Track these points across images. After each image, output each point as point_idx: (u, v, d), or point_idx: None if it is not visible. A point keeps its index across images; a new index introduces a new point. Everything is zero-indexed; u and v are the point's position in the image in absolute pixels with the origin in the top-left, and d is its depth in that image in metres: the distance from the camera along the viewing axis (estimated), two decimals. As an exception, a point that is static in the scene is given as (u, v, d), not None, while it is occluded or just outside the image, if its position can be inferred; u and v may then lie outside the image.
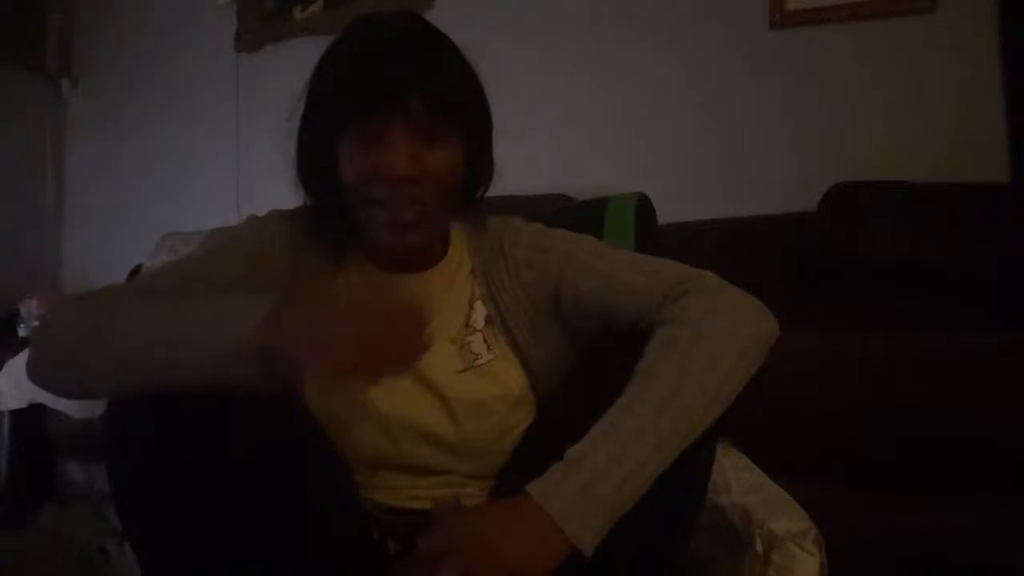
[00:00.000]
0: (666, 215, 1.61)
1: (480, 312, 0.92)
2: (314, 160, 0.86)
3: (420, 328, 0.70)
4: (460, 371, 0.88)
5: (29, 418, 2.17)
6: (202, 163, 3.12)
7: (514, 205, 1.00)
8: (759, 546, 0.96)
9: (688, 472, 0.75)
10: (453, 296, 0.92)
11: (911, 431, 1.15)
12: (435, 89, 0.79)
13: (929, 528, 1.15)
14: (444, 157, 0.81)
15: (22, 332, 2.39)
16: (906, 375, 1.18)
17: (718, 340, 0.76)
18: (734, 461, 1.09)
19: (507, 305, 0.91)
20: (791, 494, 1.03)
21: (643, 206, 1.47)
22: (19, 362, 2.16)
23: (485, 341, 0.90)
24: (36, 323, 2.38)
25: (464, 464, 0.88)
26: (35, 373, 0.78)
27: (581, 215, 1.56)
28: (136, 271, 2.88)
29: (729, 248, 1.91)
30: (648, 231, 1.46)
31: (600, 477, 0.68)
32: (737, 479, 1.03)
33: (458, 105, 0.82)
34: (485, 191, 0.94)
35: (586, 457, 0.69)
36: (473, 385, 0.87)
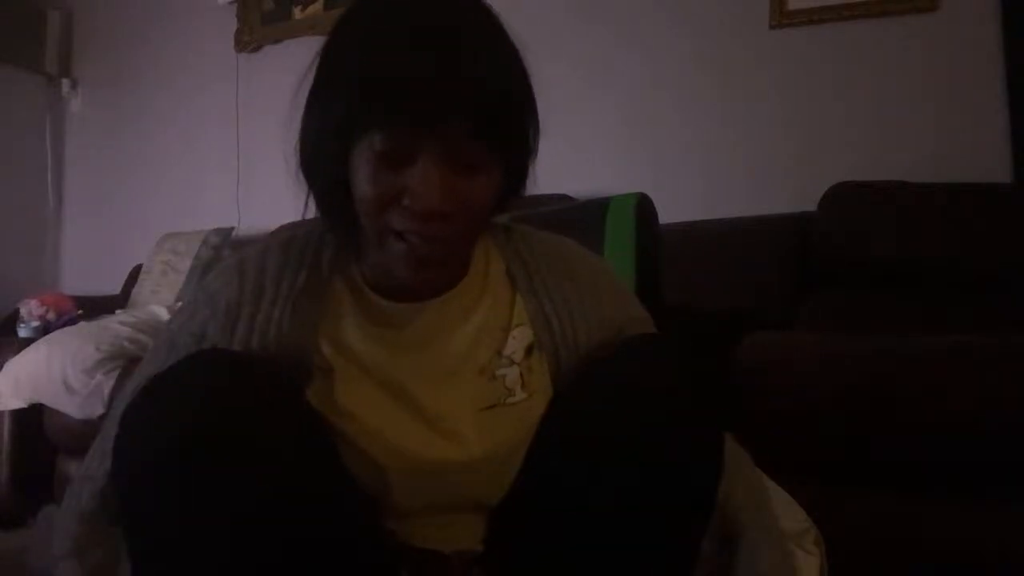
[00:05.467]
0: (666, 215, 1.61)
1: (521, 339, 0.78)
2: (320, 161, 0.72)
3: None
4: (486, 408, 0.75)
5: (29, 418, 2.17)
6: (202, 163, 3.12)
7: (514, 205, 1.00)
8: (759, 546, 0.95)
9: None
10: (480, 319, 0.78)
11: (911, 431, 1.14)
12: (485, 107, 0.65)
13: (929, 528, 1.15)
14: (483, 188, 0.68)
15: (22, 332, 2.39)
16: (906, 375, 1.18)
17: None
18: (734, 461, 1.09)
19: (563, 332, 0.78)
20: (791, 494, 1.03)
21: (644, 206, 1.47)
22: (19, 362, 2.16)
23: (521, 376, 0.76)
24: (36, 323, 2.38)
25: (470, 503, 0.78)
26: None
27: (581, 215, 1.56)
28: (136, 271, 2.88)
29: (729, 248, 1.91)
30: (649, 231, 1.45)
31: None
32: (737, 479, 1.02)
33: (510, 125, 0.68)
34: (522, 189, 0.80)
35: None
36: (498, 426, 0.75)
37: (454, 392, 0.76)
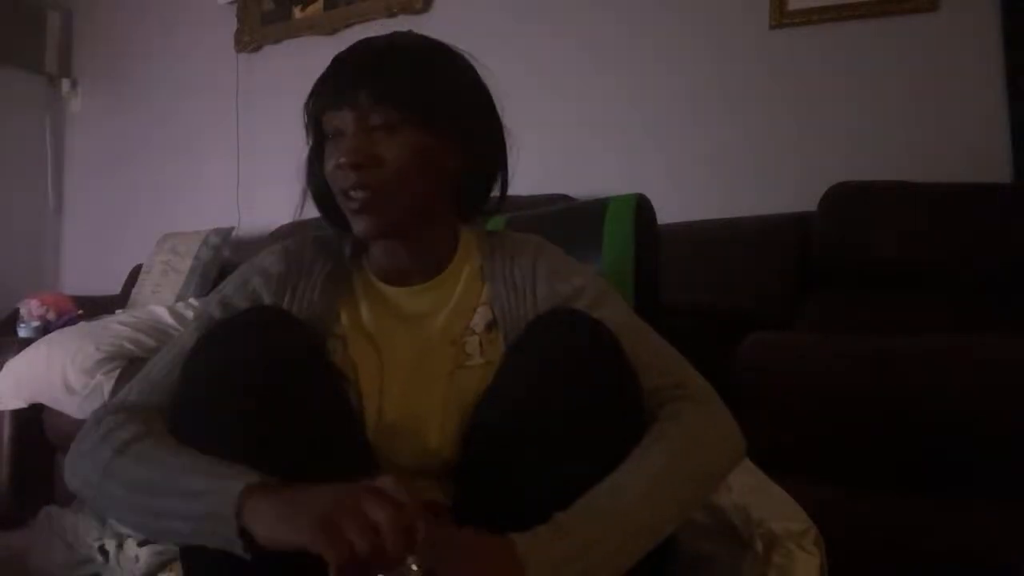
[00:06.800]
0: (666, 215, 1.61)
1: (483, 316, 0.93)
2: (313, 167, 0.94)
3: (411, 523, 0.65)
4: (450, 372, 0.90)
5: (29, 418, 2.17)
6: (202, 163, 3.13)
7: (514, 205, 1.00)
8: (759, 546, 0.95)
9: None
10: (456, 299, 0.94)
11: (911, 431, 1.14)
12: (384, 82, 0.85)
13: (929, 528, 1.15)
14: (396, 147, 0.85)
15: (22, 332, 2.39)
16: (906, 375, 1.18)
17: (708, 452, 0.81)
18: (734, 461, 1.09)
19: (512, 309, 0.92)
20: (791, 494, 1.03)
21: (642, 206, 1.47)
22: (19, 362, 2.16)
23: (480, 345, 0.92)
24: (36, 323, 2.38)
25: (435, 460, 0.89)
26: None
27: (581, 215, 1.56)
28: (136, 271, 2.88)
29: (729, 248, 1.91)
30: (647, 231, 1.45)
31: (581, 553, 0.71)
32: (737, 479, 1.02)
33: (410, 97, 0.85)
34: (504, 195, 0.96)
35: (575, 530, 0.72)
36: (459, 386, 0.89)
37: (432, 362, 0.90)
